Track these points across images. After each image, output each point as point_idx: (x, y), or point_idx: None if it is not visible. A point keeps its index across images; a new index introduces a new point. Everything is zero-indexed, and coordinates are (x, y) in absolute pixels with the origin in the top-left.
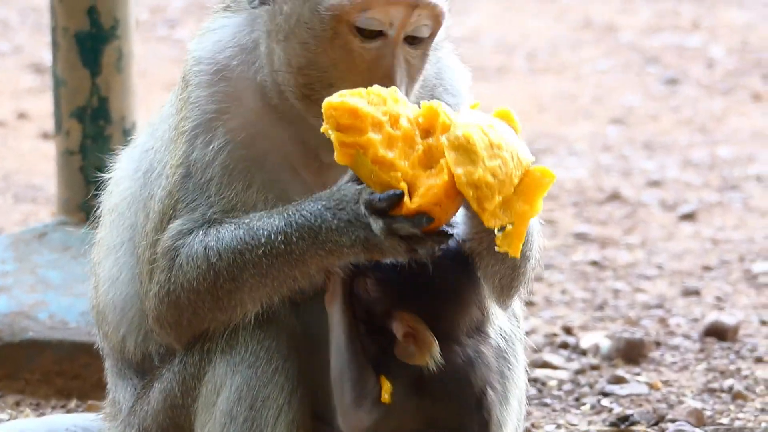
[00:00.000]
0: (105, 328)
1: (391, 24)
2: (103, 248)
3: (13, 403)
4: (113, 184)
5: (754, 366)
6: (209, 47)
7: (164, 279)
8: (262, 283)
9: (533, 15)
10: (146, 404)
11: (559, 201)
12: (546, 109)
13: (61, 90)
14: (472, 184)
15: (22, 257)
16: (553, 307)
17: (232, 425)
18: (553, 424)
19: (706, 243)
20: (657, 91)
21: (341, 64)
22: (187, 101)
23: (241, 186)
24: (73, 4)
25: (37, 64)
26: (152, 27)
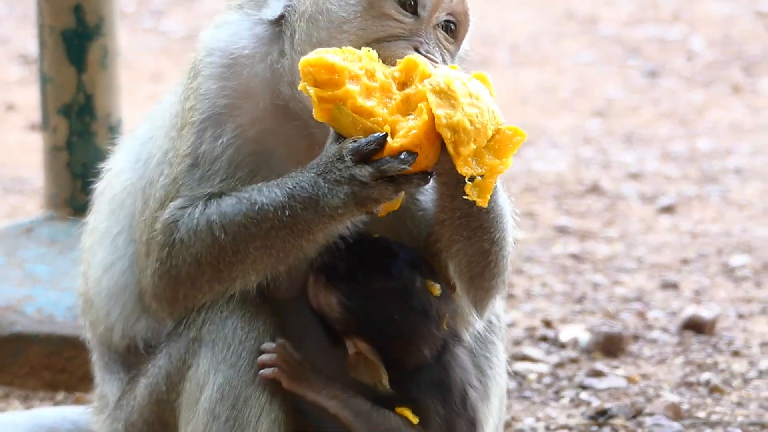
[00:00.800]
0: (92, 316)
1: (423, 5)
2: (97, 236)
3: (2, 396)
4: (113, 175)
5: (731, 359)
6: (224, 39)
7: (164, 255)
8: (268, 254)
9: (515, 7)
10: (132, 399)
11: (540, 194)
12: (528, 101)
13: (48, 87)
14: (451, 126)
15: (10, 252)
16: (533, 300)
17: (214, 424)
18: (533, 418)
19: (685, 236)
20: (638, 83)
21: (373, 30)
22: (196, 91)
23: (246, 177)
24: (59, 2)
25: (24, 55)
26: (138, 19)
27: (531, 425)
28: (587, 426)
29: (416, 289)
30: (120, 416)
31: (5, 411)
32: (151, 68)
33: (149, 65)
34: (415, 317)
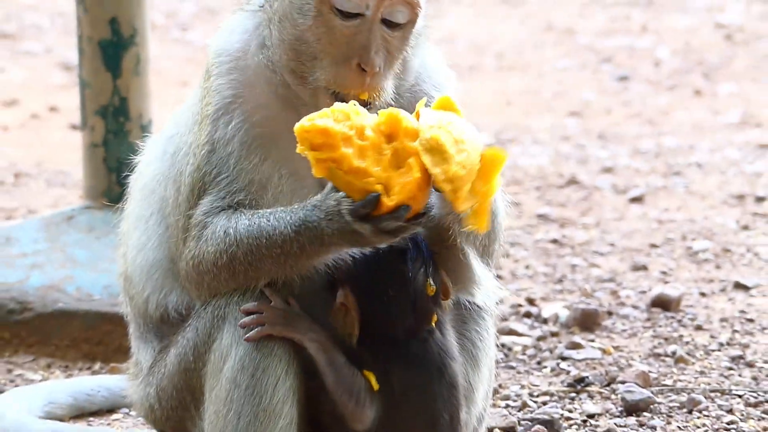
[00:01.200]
0: (131, 291)
1: (367, 6)
2: (132, 220)
3: (45, 366)
4: (143, 165)
5: (695, 333)
6: (226, 41)
7: (193, 246)
8: (276, 271)
9: (501, 19)
10: (163, 367)
11: (524, 185)
12: (512, 103)
13: (87, 91)
14: (448, 180)
15: (53, 238)
16: (518, 281)
17: (236, 391)
18: (518, 385)
19: (653, 223)
20: (610, 87)
21: (323, 38)
22: (210, 89)
23: (258, 159)
24: (97, 15)
25: (65, 63)
26: (167, 30)
27: (516, 392)
28: (566, 392)
29: (418, 280)
30: (152, 381)
31: (48, 380)
32: (178, 74)
33: (176, 71)
34: (406, 304)
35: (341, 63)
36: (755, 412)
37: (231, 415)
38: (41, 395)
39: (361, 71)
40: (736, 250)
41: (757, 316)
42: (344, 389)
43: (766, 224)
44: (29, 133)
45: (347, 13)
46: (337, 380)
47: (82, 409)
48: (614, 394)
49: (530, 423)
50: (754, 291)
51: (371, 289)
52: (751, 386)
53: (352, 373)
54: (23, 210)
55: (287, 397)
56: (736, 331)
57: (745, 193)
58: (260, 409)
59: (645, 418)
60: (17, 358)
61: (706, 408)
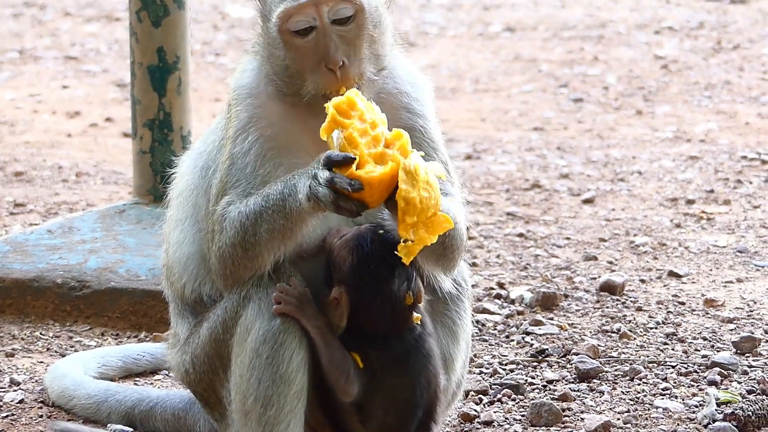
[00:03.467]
0: (171, 278)
1: (314, 18)
2: (172, 223)
3: (99, 334)
4: (179, 177)
5: (636, 314)
6: (240, 78)
7: (217, 239)
8: (272, 236)
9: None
10: (197, 337)
11: (495, 188)
12: (486, 119)
13: (137, 107)
14: (405, 199)
15: (108, 228)
16: (490, 268)
17: (257, 360)
18: (490, 355)
19: (602, 221)
20: (567, 107)
21: (296, 58)
22: (231, 116)
23: (272, 166)
24: (147, 45)
25: (119, 81)
26: (202, 55)
27: (488, 361)
28: (530, 362)
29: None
30: (188, 350)
31: (101, 346)
32: (212, 92)
33: (210, 89)
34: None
35: (315, 70)
36: (685, 380)
37: (253, 379)
38: (96, 359)
39: (330, 71)
40: (670, 244)
41: (687, 300)
42: (335, 368)
43: (694, 223)
44: (89, 140)
45: (302, 31)
46: (330, 360)
47: (130, 370)
48: (569, 363)
49: (500, 387)
50: (685, 279)
51: (361, 294)
52: (682, 359)
53: (343, 355)
54: (83, 203)
55: (300, 367)
56: (669, 312)
57: (677, 197)
58: (277, 376)
59: (595, 384)
60: (77, 327)
61: (645, 376)
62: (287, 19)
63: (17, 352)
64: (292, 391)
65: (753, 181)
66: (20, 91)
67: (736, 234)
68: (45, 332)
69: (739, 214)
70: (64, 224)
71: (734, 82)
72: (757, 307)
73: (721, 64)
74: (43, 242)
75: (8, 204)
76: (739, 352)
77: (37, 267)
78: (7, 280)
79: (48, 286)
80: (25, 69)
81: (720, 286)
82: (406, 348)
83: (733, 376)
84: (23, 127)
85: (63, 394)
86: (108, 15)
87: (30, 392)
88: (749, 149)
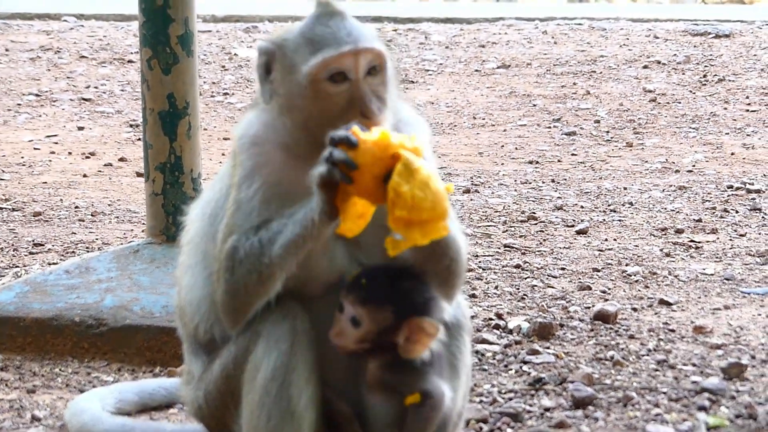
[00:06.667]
0: (185, 319)
1: (349, 70)
2: (183, 268)
3: (116, 369)
4: (188, 224)
5: (628, 341)
6: (246, 128)
7: (228, 275)
8: (286, 251)
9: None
10: (210, 374)
11: (493, 220)
12: (483, 153)
13: (149, 151)
14: (395, 189)
15: (122, 267)
16: (489, 299)
17: (266, 397)
18: (489, 384)
19: (595, 251)
20: (560, 140)
21: (327, 108)
22: (236, 164)
23: (275, 210)
24: (157, 92)
25: (132, 121)
26: (211, 95)
27: (488, 390)
28: (528, 390)
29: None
30: (201, 387)
31: (118, 381)
32: (222, 130)
33: (220, 128)
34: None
35: (345, 119)
36: (676, 405)
37: (263, 416)
38: (113, 394)
39: (366, 118)
40: (660, 273)
41: (677, 327)
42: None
43: (683, 251)
44: (104, 179)
45: (338, 80)
46: None
47: (146, 405)
48: (565, 391)
49: (499, 415)
50: (675, 306)
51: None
52: (673, 384)
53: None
54: (99, 242)
55: (308, 403)
56: (660, 339)
57: (667, 226)
58: (287, 413)
59: (590, 410)
60: (94, 363)
61: (638, 402)
62: (325, 68)
63: (38, 388)
64: (300, 428)
65: (739, 210)
66: (38, 133)
67: (723, 262)
68: (64, 369)
69: (726, 242)
70: (81, 264)
71: (720, 114)
72: (743, 333)
73: (707, 97)
74: (61, 282)
75: (28, 244)
76: (727, 377)
77: (56, 306)
78: (28, 319)
79: (66, 324)
80: (42, 111)
81: (708, 313)
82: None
83: (722, 401)
84: (41, 168)
85: (82, 430)
86: (121, 57)
87: (51, 428)
88: (735, 179)
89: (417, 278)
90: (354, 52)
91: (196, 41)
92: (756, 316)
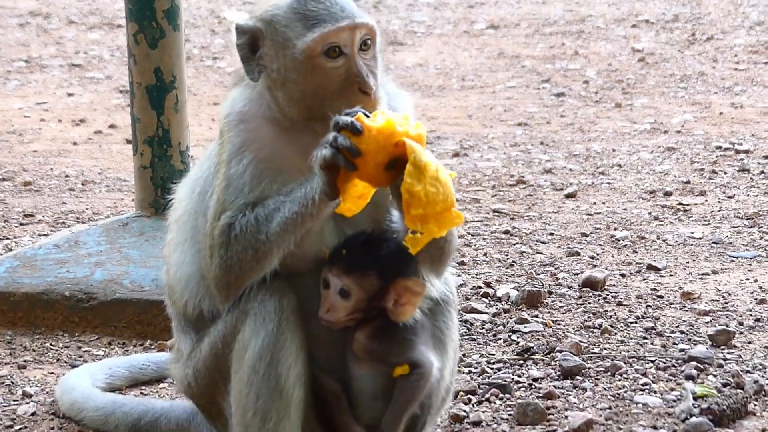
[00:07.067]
0: (173, 297)
1: (344, 45)
2: (172, 246)
3: (107, 343)
4: (176, 203)
5: (617, 309)
6: (231, 106)
7: (223, 251)
8: (285, 228)
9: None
10: (199, 352)
11: (482, 185)
12: (472, 116)
13: (137, 124)
14: (409, 192)
15: (112, 241)
16: (478, 266)
17: (254, 376)
18: (478, 354)
19: (584, 215)
20: (549, 102)
21: (324, 83)
22: (224, 142)
23: (267, 185)
24: (144, 66)
25: (122, 87)
26: (201, 59)
27: (477, 360)
28: (516, 360)
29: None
30: (190, 364)
31: (109, 354)
32: (211, 95)
33: (209, 93)
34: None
35: (345, 94)
36: (664, 374)
37: (252, 395)
38: (103, 370)
39: (364, 93)
40: (648, 237)
41: (666, 293)
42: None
43: (672, 215)
44: (94, 147)
45: (333, 55)
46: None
47: (136, 379)
48: (554, 361)
49: (488, 387)
50: (663, 272)
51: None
52: (661, 353)
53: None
54: (89, 212)
55: (296, 381)
56: (648, 306)
57: (655, 189)
58: (275, 391)
59: (578, 381)
60: (85, 337)
61: (626, 372)
62: (322, 42)
63: (29, 363)
64: (289, 405)
65: (727, 171)
66: (27, 100)
67: (712, 225)
68: (55, 343)
69: (714, 204)
70: (71, 238)
71: (708, 73)
72: (731, 299)
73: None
74: (51, 256)
75: (18, 215)
76: (715, 345)
77: (46, 281)
78: (18, 294)
79: (57, 299)
80: (32, 78)
81: (696, 279)
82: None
83: (709, 370)
84: (31, 136)
85: (72, 407)
86: (110, 22)
87: (42, 404)
88: (723, 139)
89: (392, 241)
90: (351, 27)
91: (183, 15)
92: (744, 281)
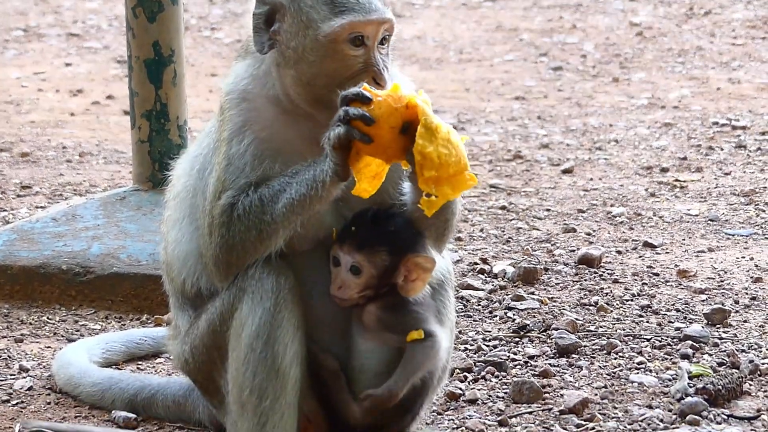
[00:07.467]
0: (171, 274)
1: (368, 37)
2: (170, 223)
3: (103, 317)
4: (175, 179)
5: (613, 286)
6: (234, 83)
7: (224, 230)
8: (291, 209)
9: (461, 21)
10: (196, 329)
11: (478, 159)
12: (469, 89)
13: (135, 99)
14: (421, 153)
15: (109, 214)
16: (474, 242)
17: (251, 354)
18: (474, 331)
19: (580, 191)
20: (546, 76)
21: (341, 68)
22: (224, 119)
23: (269, 164)
24: (143, 40)
25: (120, 57)
26: (199, 29)
27: (473, 337)
28: (512, 337)
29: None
30: (187, 341)
31: (105, 329)
32: (208, 66)
33: (207, 64)
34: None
35: (357, 81)
36: (659, 353)
37: (248, 373)
38: (100, 345)
39: (377, 84)
40: (645, 214)
41: (661, 271)
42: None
43: (668, 191)
44: (91, 118)
45: (356, 42)
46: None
47: (133, 354)
48: (549, 338)
49: (484, 364)
50: (659, 249)
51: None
52: (656, 331)
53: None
54: (86, 184)
55: (294, 360)
56: (644, 283)
57: (652, 165)
58: (272, 369)
59: (573, 359)
60: (81, 311)
61: (621, 350)
62: (350, 30)
63: (26, 337)
64: (286, 384)
65: (724, 148)
66: (25, 69)
67: (708, 202)
68: (52, 317)
69: (711, 181)
70: (68, 212)
71: (706, 48)
72: (727, 277)
73: (693, 30)
74: (48, 230)
75: (15, 186)
76: (710, 323)
77: (43, 254)
78: (15, 267)
79: (54, 273)
80: (29, 47)
81: (692, 256)
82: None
83: (705, 349)
84: (28, 107)
85: (69, 382)
86: None
87: (38, 378)
88: (720, 115)
89: (400, 217)
90: (379, 22)
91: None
92: (740, 259)
